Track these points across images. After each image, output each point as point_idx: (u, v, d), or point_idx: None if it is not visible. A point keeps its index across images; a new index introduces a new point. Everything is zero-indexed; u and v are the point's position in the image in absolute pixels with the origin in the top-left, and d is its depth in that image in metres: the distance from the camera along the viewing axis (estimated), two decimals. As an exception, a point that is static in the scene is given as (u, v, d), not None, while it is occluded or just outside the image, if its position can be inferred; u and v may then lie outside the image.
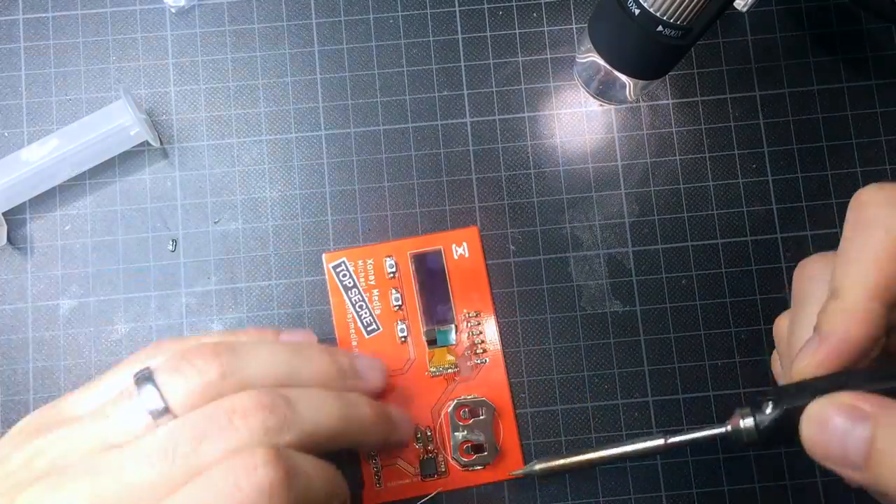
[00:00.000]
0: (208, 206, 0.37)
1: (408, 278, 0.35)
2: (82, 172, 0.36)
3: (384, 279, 0.35)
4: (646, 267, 0.36)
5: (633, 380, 0.35)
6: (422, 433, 0.34)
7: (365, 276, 0.36)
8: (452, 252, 0.36)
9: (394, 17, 0.38)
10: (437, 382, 0.35)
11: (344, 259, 0.36)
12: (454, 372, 0.35)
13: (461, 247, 0.36)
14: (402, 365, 0.35)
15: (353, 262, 0.36)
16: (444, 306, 0.35)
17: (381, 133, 0.37)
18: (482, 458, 0.34)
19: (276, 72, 0.37)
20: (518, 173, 0.37)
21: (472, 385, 0.35)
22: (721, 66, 0.38)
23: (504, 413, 0.35)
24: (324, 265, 0.36)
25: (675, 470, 0.35)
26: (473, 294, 0.36)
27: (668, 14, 0.29)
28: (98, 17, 0.38)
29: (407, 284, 0.35)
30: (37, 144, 0.35)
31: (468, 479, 0.34)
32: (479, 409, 0.34)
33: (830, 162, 0.37)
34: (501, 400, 0.35)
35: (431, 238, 0.36)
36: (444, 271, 0.35)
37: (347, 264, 0.36)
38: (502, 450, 0.34)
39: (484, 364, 0.35)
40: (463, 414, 0.34)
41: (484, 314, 0.35)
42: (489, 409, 0.34)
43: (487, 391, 0.35)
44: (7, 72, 0.37)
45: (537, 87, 0.38)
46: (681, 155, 0.37)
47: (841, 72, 0.38)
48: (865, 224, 0.25)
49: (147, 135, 0.35)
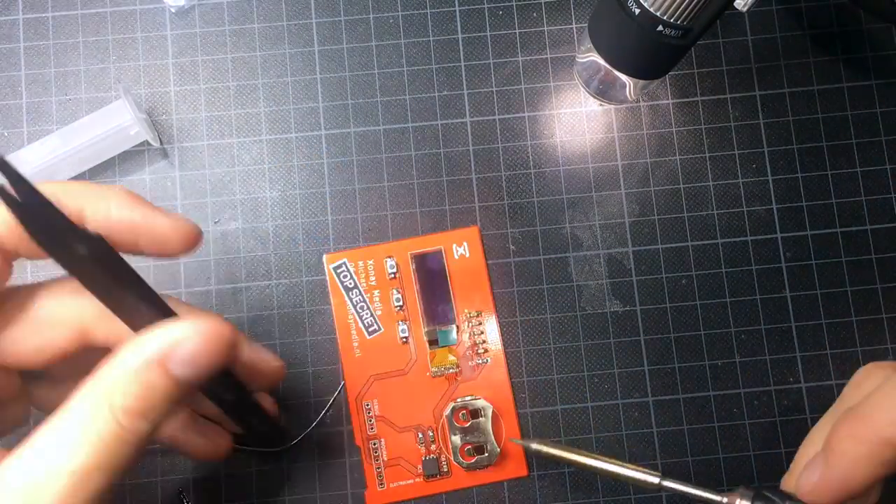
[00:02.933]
0: (208, 206, 0.37)
1: (408, 278, 0.35)
2: (82, 172, 0.36)
3: (385, 280, 0.35)
4: (646, 267, 0.36)
5: (633, 380, 0.35)
6: (423, 434, 0.34)
7: (366, 276, 0.36)
8: (453, 252, 0.36)
9: (394, 17, 0.38)
10: (439, 383, 0.35)
11: (345, 260, 0.36)
12: (455, 372, 0.35)
13: (462, 246, 0.36)
14: (404, 365, 0.35)
15: (354, 262, 0.36)
16: (444, 306, 0.35)
17: (381, 133, 0.37)
18: (483, 459, 0.34)
19: (276, 72, 0.37)
20: (518, 173, 0.37)
21: (473, 385, 0.35)
22: (721, 66, 0.38)
23: (506, 413, 0.35)
24: (324, 266, 0.36)
25: (676, 470, 0.35)
26: (474, 294, 0.36)
27: (668, 14, 0.29)
28: (98, 17, 0.38)
29: (408, 285, 0.35)
30: (37, 144, 0.35)
31: (471, 480, 0.34)
32: (479, 412, 0.34)
33: (830, 162, 0.37)
34: (503, 400, 0.35)
35: (432, 238, 0.36)
36: (444, 271, 0.35)
37: (348, 265, 0.36)
38: (504, 450, 0.34)
39: (486, 364, 0.35)
40: (462, 416, 0.34)
41: (485, 314, 0.35)
42: (487, 410, 0.34)
43: (489, 391, 0.35)
44: (7, 72, 0.37)
45: (537, 87, 0.38)
46: (681, 155, 0.37)
47: (841, 72, 0.38)
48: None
49: (147, 134, 0.35)
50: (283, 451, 0.34)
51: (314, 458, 0.35)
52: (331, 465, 0.35)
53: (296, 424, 0.35)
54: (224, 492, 0.34)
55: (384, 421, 0.35)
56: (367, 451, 0.34)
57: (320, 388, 0.35)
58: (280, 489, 0.34)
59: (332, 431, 0.35)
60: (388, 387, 0.35)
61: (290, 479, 0.34)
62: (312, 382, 0.35)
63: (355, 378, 0.35)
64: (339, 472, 0.35)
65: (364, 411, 0.35)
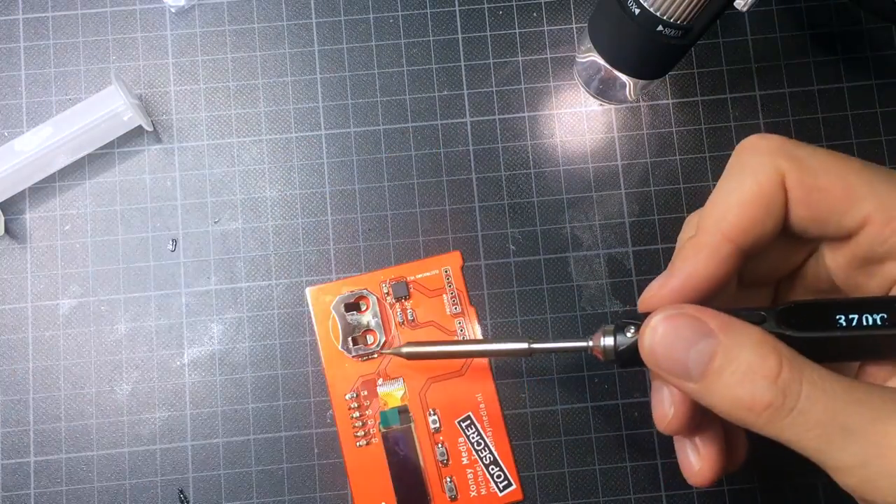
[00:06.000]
0: (208, 205, 0.37)
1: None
2: (82, 172, 0.36)
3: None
4: (646, 267, 0.36)
5: (634, 379, 0.35)
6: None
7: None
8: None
9: (394, 17, 0.38)
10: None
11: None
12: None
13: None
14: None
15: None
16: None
17: (381, 133, 0.37)
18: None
19: (276, 72, 0.37)
20: (518, 173, 0.37)
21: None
22: (721, 65, 0.38)
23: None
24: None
25: (676, 470, 0.35)
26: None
27: (668, 14, 0.29)
28: (98, 16, 0.38)
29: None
30: (30, 133, 0.35)
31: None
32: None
33: (830, 162, 0.37)
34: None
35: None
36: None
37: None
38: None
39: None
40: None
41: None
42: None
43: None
44: (7, 72, 0.37)
45: (537, 87, 0.38)
46: (681, 155, 0.37)
47: (841, 72, 0.38)
48: (738, 169, 0.26)
49: (140, 119, 0.35)
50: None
51: (314, 458, 0.35)
52: (331, 465, 0.35)
53: (296, 424, 0.35)
54: (224, 492, 0.34)
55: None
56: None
57: (321, 387, 0.35)
58: (280, 489, 0.34)
59: (332, 431, 0.35)
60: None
61: (290, 479, 0.34)
62: (313, 382, 0.35)
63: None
64: (339, 472, 0.35)
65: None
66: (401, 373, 0.35)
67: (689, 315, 0.24)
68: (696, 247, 0.25)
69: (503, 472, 0.34)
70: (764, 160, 0.25)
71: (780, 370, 0.22)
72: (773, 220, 0.25)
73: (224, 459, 0.35)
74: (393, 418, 0.34)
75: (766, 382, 0.22)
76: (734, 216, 0.25)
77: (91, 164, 0.37)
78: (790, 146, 0.25)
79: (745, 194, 0.25)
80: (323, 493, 0.34)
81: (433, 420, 0.35)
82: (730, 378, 0.22)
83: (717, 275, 0.25)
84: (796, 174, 0.25)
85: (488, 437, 0.35)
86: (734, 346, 0.23)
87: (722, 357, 0.23)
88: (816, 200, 0.25)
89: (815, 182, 0.25)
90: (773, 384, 0.22)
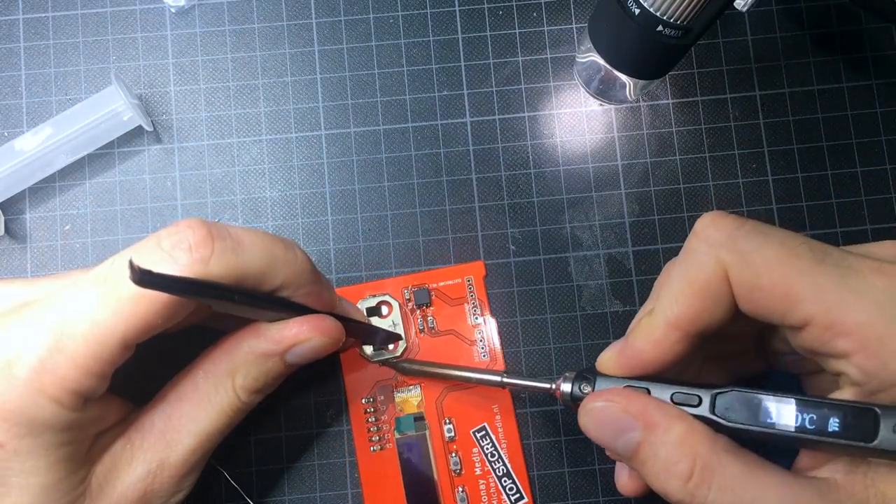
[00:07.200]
0: (208, 206, 0.37)
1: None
2: (82, 172, 0.36)
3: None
4: (646, 267, 0.36)
5: (634, 380, 0.35)
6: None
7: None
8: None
9: (394, 17, 0.38)
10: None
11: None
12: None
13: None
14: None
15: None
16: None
17: (381, 133, 0.37)
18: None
19: (276, 72, 0.37)
20: (518, 173, 0.37)
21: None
22: (721, 65, 0.38)
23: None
24: None
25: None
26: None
27: (668, 14, 0.29)
28: (98, 16, 0.38)
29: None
30: (30, 134, 0.35)
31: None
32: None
33: (830, 162, 0.37)
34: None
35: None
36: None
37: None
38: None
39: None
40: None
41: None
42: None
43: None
44: (7, 72, 0.37)
45: (537, 87, 0.38)
46: (681, 155, 0.37)
47: (841, 72, 0.38)
48: (689, 255, 0.26)
49: (140, 119, 0.35)
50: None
51: (314, 458, 0.35)
52: (331, 465, 0.35)
53: (296, 424, 0.35)
54: (224, 491, 0.34)
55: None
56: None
57: (322, 388, 0.35)
58: (280, 489, 0.34)
59: (332, 431, 0.35)
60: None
61: (290, 479, 0.34)
62: (313, 382, 0.35)
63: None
64: (339, 472, 0.35)
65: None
66: (418, 380, 0.35)
67: (619, 408, 0.26)
68: (649, 329, 0.27)
69: (515, 484, 0.34)
70: (710, 252, 0.26)
71: (691, 475, 0.25)
72: (722, 309, 0.26)
73: (224, 460, 0.35)
74: (408, 425, 0.34)
75: (678, 483, 0.25)
76: (680, 306, 0.26)
77: (91, 164, 0.37)
78: (739, 237, 0.26)
79: (691, 286, 0.26)
80: (323, 493, 0.34)
81: (448, 429, 0.34)
82: (652, 468, 0.25)
83: (666, 358, 0.26)
84: (737, 271, 0.25)
85: (502, 448, 0.34)
86: (656, 443, 0.25)
87: (645, 451, 0.25)
88: (757, 299, 0.25)
89: (756, 282, 0.25)
90: (683, 486, 0.25)
